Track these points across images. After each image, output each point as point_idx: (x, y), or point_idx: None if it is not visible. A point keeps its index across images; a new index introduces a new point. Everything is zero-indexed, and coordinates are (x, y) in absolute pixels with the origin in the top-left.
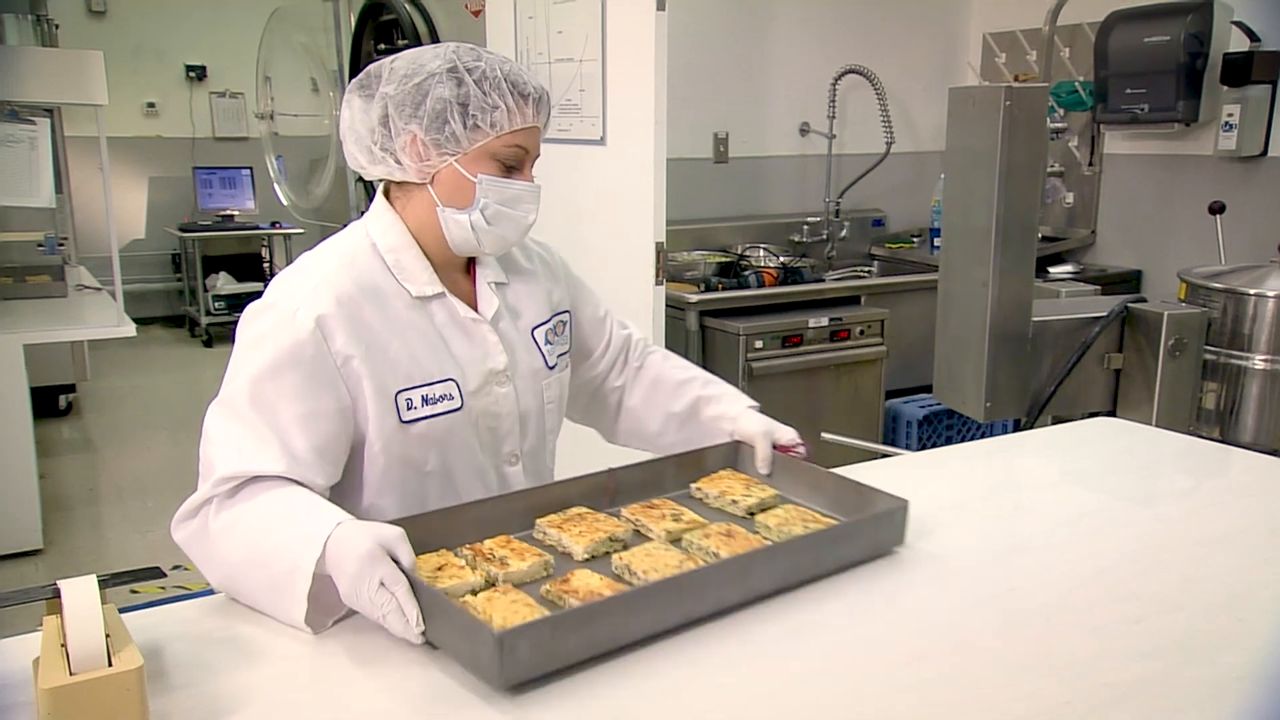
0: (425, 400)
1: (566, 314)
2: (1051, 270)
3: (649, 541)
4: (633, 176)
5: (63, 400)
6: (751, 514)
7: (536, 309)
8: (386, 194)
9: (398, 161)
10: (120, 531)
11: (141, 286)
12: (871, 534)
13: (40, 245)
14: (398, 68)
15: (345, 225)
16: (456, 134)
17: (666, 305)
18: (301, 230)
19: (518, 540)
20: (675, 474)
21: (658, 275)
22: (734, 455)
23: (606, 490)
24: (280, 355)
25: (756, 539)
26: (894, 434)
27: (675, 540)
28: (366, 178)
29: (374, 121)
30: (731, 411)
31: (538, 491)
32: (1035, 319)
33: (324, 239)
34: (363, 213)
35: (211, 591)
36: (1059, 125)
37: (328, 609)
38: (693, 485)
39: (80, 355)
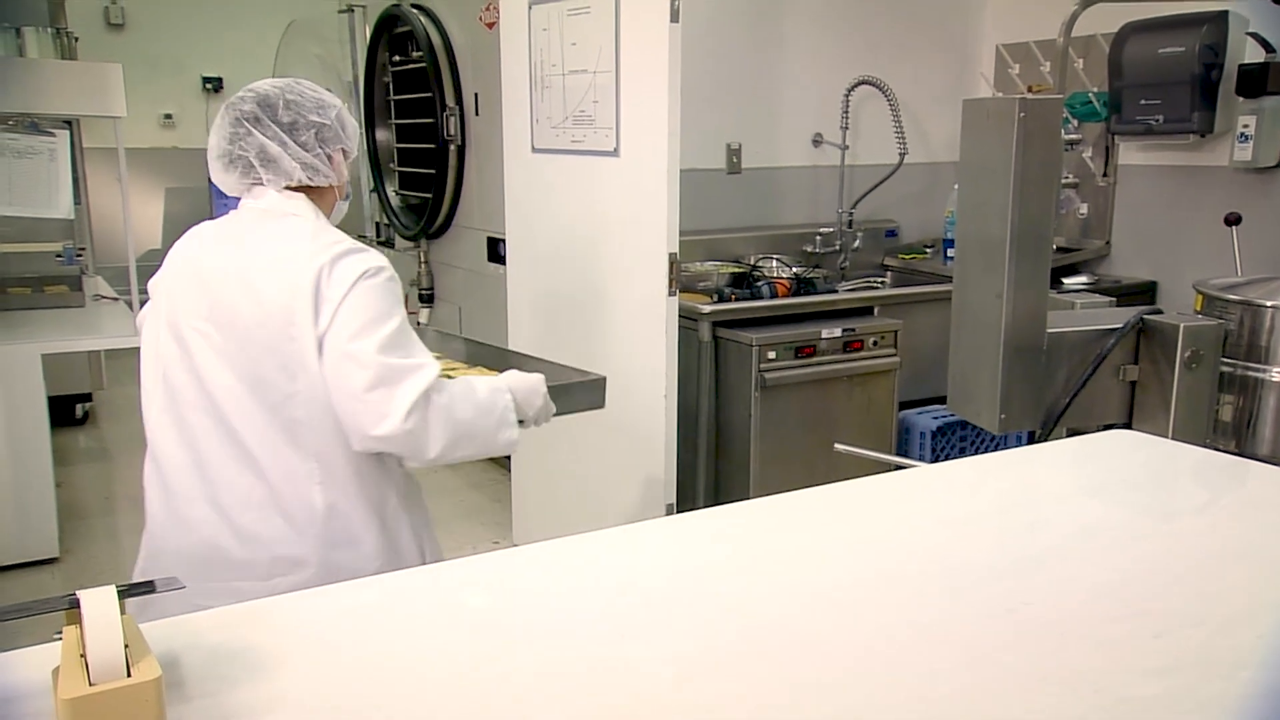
0: None
1: None
2: (1066, 281)
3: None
4: (646, 187)
5: (79, 409)
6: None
7: None
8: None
9: (330, 171)
10: (136, 540)
11: None
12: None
13: (59, 255)
14: (303, 103)
15: (361, 234)
16: (353, 149)
17: (680, 316)
18: None
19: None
20: None
21: (671, 286)
22: None
23: None
24: (402, 306)
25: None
26: (907, 445)
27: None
28: (292, 183)
29: (309, 141)
30: None
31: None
32: (1050, 330)
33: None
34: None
35: (225, 602)
36: (1073, 136)
37: None
38: None
39: (97, 365)
